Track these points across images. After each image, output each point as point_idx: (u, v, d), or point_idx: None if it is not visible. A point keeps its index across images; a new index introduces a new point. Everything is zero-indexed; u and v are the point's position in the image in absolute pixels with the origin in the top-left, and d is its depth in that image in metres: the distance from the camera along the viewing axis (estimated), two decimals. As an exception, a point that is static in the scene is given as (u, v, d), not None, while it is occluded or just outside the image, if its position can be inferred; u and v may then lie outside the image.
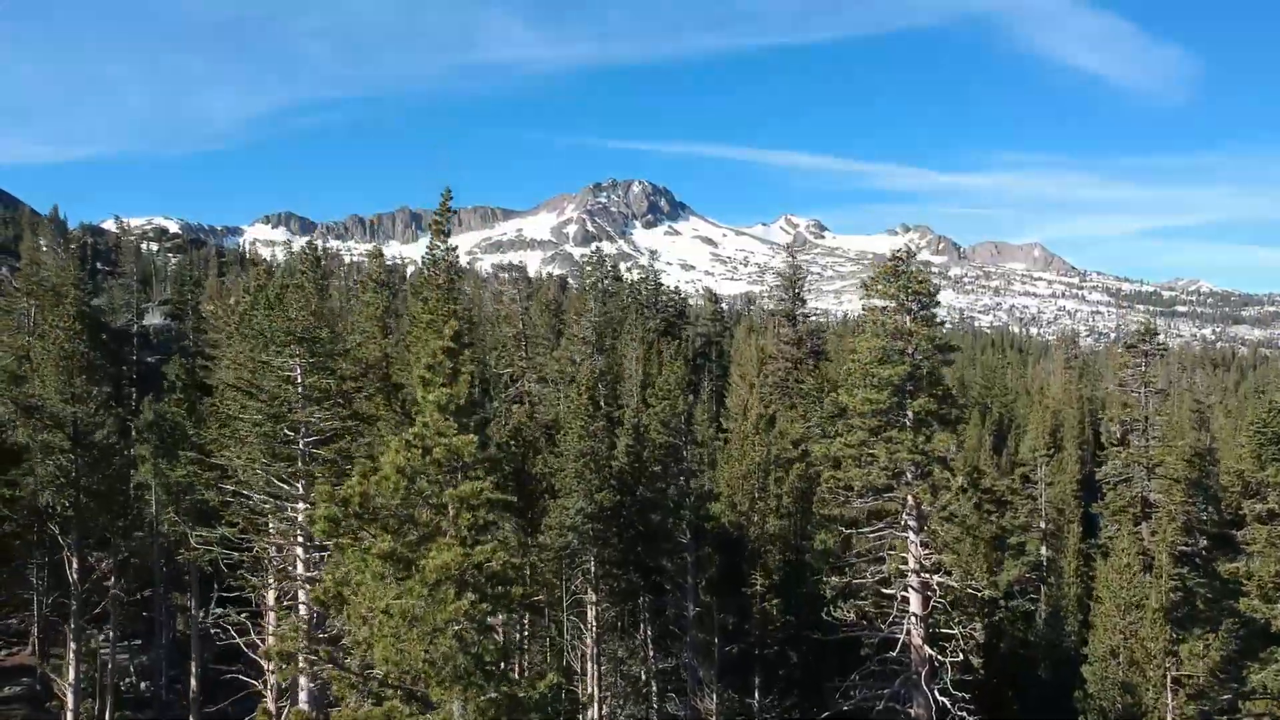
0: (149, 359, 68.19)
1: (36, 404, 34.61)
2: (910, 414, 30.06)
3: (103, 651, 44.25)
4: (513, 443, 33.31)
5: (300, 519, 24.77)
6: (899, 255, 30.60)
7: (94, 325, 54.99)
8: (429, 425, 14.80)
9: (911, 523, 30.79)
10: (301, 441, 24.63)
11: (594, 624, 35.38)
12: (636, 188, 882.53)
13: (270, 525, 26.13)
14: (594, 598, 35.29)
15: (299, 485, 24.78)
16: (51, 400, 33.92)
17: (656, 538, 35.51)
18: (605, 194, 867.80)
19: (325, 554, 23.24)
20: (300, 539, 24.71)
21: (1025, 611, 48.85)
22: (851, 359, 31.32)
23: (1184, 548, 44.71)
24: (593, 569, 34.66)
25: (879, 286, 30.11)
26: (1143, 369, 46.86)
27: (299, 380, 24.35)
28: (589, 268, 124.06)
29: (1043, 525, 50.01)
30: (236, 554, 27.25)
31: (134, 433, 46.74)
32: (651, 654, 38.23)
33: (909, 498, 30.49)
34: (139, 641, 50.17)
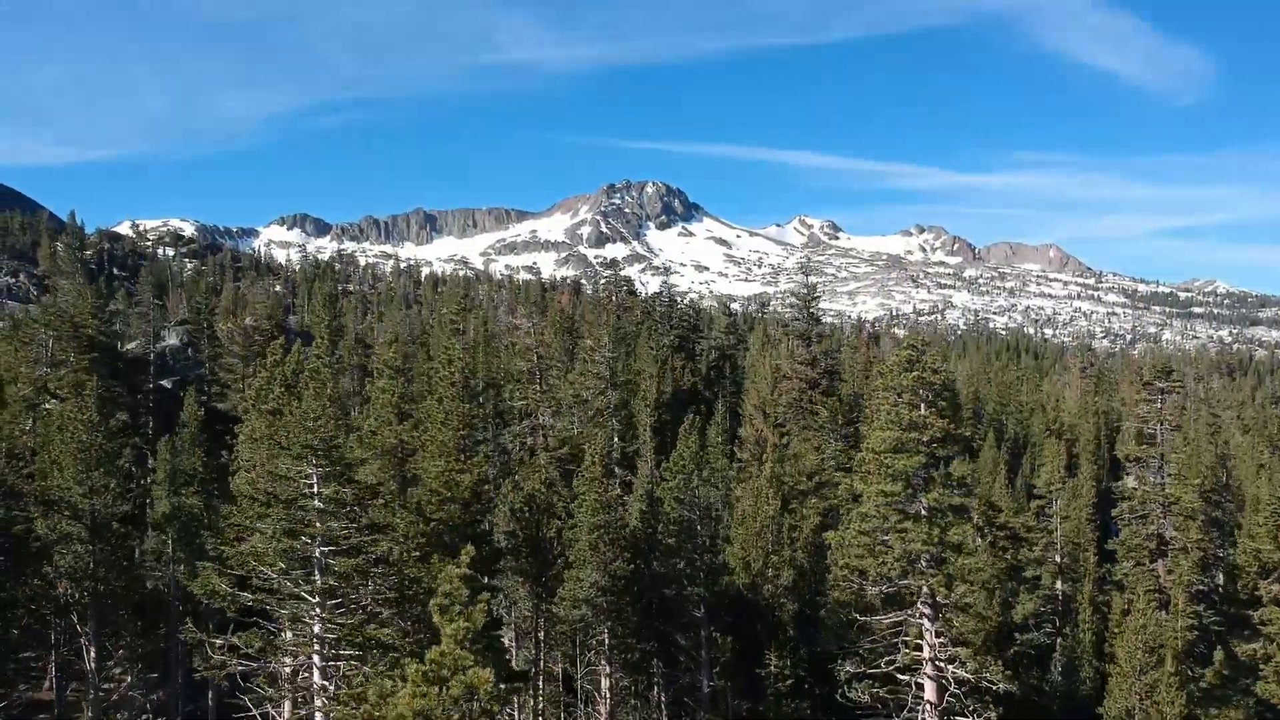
0: (166, 383, 68.51)
1: (56, 497, 34.67)
2: (925, 505, 29.88)
3: (120, 688, 44.39)
4: (526, 509, 33.32)
5: (316, 629, 24.70)
6: (914, 344, 30.39)
7: (110, 353, 55.38)
8: (446, 655, 14.88)
9: (926, 610, 30.60)
10: (317, 550, 24.57)
11: (608, 695, 35.32)
12: (650, 189, 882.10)
13: (287, 635, 26.08)
14: (608, 668, 35.24)
15: (315, 596, 24.66)
16: (71, 490, 34.04)
17: (671, 610, 35.44)
18: (619, 195, 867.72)
19: (341, 664, 23.36)
20: (316, 649, 24.65)
21: (1041, 647, 48.63)
22: (866, 448, 31.10)
23: (1200, 586, 44.62)
24: (607, 640, 34.62)
25: (893, 377, 29.93)
26: (1159, 407, 46.70)
27: (316, 491, 24.30)
28: (604, 278, 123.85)
29: (1058, 559, 49.86)
30: (253, 664, 27.18)
31: (150, 524, 46.68)
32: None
33: (924, 586, 30.29)
34: (155, 675, 50.29)
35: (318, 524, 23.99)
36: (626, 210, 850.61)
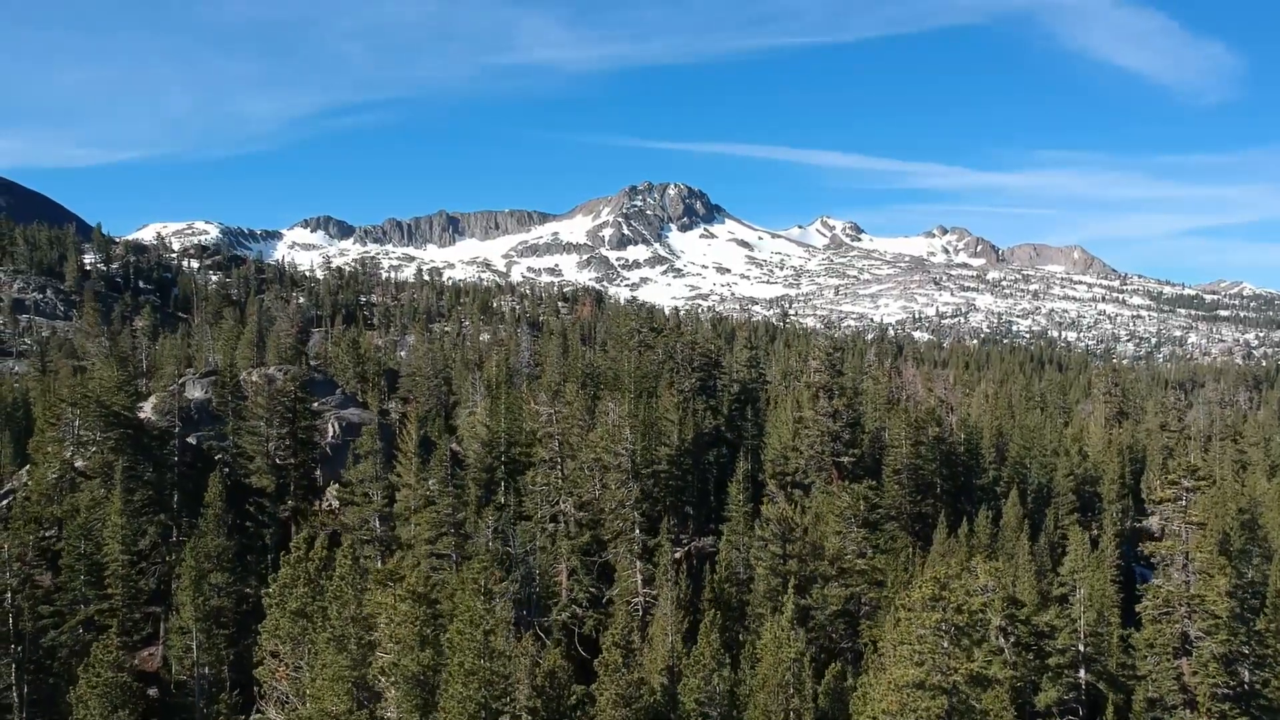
0: (191, 439, 68.93)
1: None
2: (949, 752, 29.54)
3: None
4: (548, 685, 33.25)
5: None
6: (937, 577, 30.00)
7: (135, 429, 55.86)
8: None
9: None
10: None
11: None
12: (672, 190, 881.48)
13: None
14: None
15: None
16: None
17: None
18: (641, 197, 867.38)
19: None
20: None
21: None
22: (888, 683, 30.75)
23: (1225, 690, 44.28)
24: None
25: (916, 614, 29.60)
26: (1183, 505, 46.39)
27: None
28: (626, 311, 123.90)
29: (1081, 648, 49.60)
30: None
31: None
32: None
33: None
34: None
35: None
36: (648, 212, 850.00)
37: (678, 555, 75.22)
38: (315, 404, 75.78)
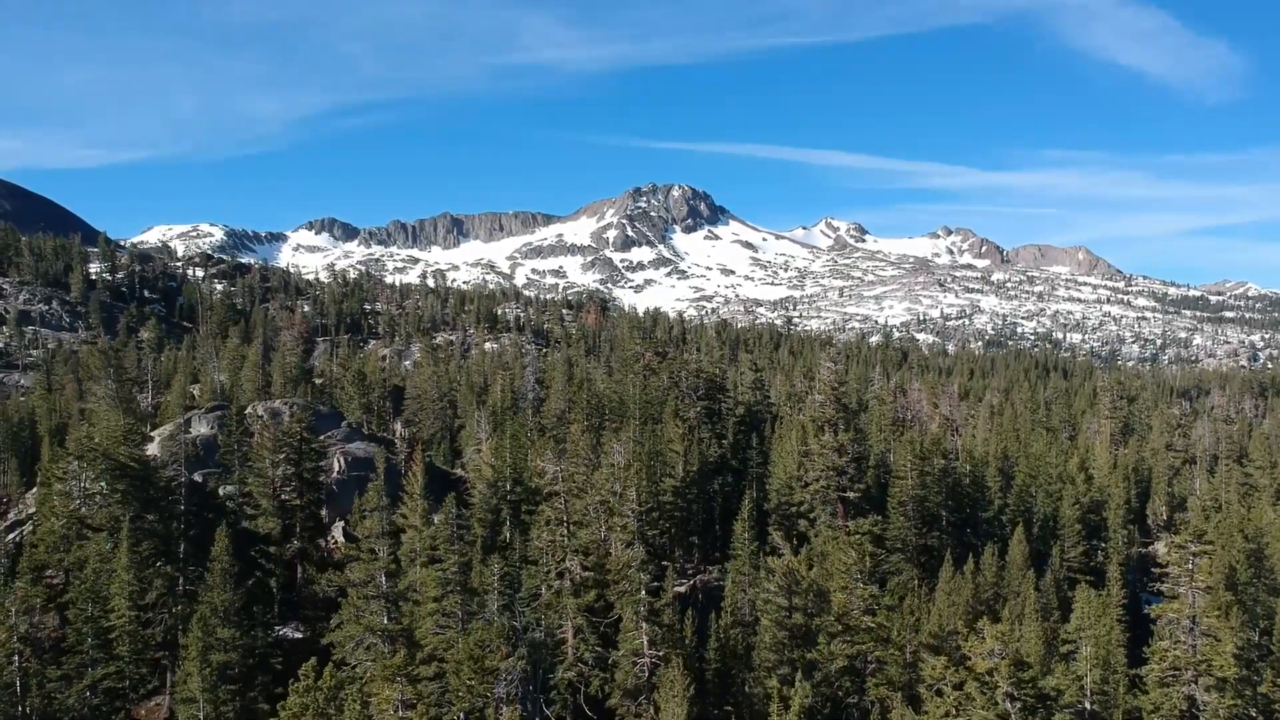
0: (197, 477, 69.01)
1: None
2: None
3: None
4: None
5: None
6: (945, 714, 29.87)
7: (142, 480, 55.88)
8: None
9: None
10: None
11: None
12: (676, 192, 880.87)
13: None
14: None
15: None
16: None
17: None
18: (645, 198, 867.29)
19: None
20: None
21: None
22: None
23: (1234, 754, 44.19)
24: None
25: None
26: (1190, 569, 46.30)
27: None
28: (633, 342, 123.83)
29: (1088, 705, 49.57)
30: None
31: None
32: None
33: None
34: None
35: None
36: (652, 214, 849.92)
37: (682, 589, 75.19)
38: (321, 439, 75.63)
